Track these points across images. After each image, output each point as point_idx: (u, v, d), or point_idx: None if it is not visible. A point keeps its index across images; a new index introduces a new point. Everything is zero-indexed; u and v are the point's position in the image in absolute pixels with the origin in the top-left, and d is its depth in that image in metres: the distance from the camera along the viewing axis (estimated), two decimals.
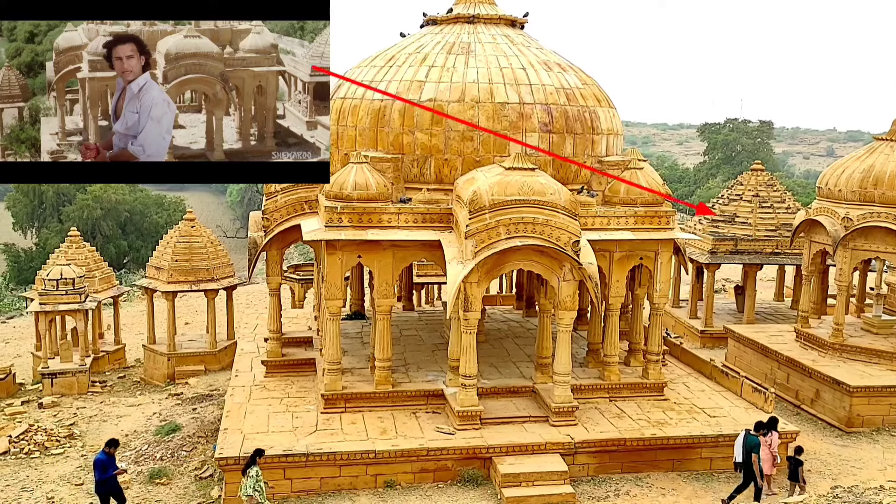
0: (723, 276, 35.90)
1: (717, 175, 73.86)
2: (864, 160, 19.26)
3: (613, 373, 16.32)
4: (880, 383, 17.60)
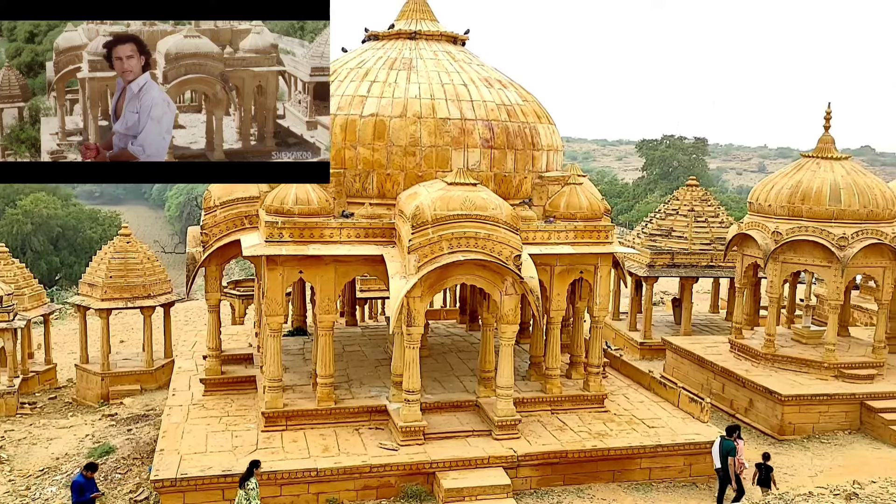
0: (661, 288, 36.71)
1: (655, 190, 75.76)
2: (793, 176, 20.03)
3: (555, 386, 16.49)
4: (810, 392, 18.23)
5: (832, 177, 19.36)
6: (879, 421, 17.82)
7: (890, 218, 19.39)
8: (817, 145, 20.41)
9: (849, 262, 18.64)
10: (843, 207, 18.96)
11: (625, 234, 36.59)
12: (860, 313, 28.50)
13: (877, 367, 19.41)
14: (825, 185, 19.23)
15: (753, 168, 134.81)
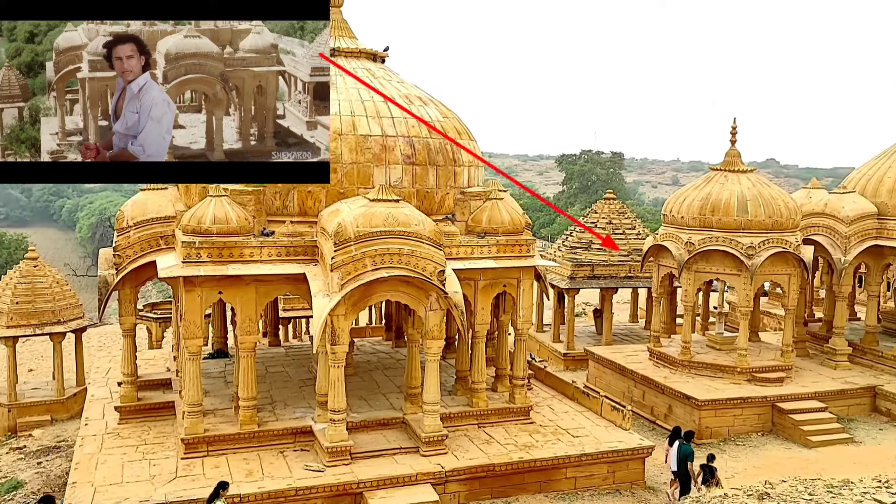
0: (583, 300, 37.53)
1: (576, 203, 77.60)
2: (703, 189, 20.86)
3: (481, 399, 16.59)
4: (724, 396, 18.92)
5: (739, 189, 20.25)
6: (790, 422, 18.64)
7: (793, 227, 20.41)
8: (725, 159, 21.33)
9: (757, 270, 19.49)
10: (751, 218, 19.85)
11: (547, 247, 37.25)
12: (769, 319, 29.84)
13: (786, 370, 20.32)
14: (733, 197, 20.09)
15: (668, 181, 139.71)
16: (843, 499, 7.77)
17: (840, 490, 8.18)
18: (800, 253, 20.04)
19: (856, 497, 7.82)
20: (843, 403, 19.85)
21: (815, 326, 24.26)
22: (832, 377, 20.76)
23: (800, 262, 20.09)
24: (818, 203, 22.45)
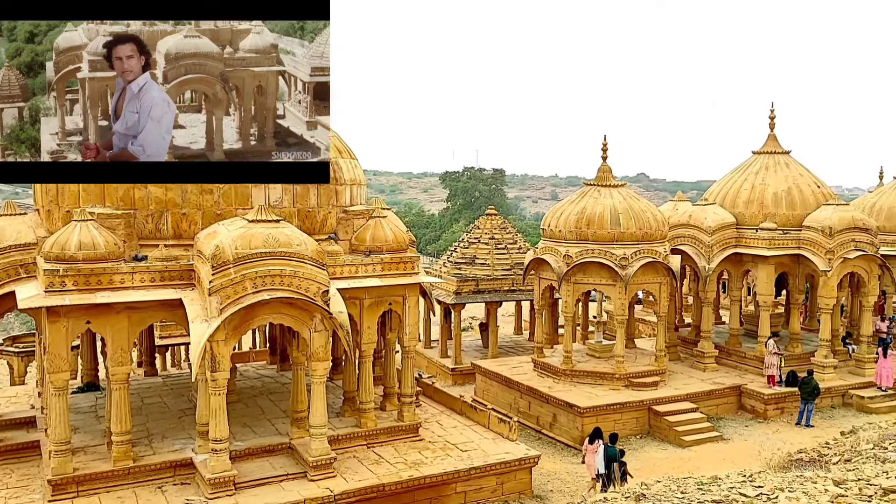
0: (469, 314, 38.01)
1: (460, 220, 78.69)
2: (578, 203, 21.70)
3: (370, 419, 16.45)
4: (605, 402, 19.66)
5: (612, 203, 21.21)
6: (665, 423, 19.59)
7: (662, 238, 21.56)
8: (597, 174, 22.30)
9: (630, 280, 20.44)
10: (623, 230, 20.81)
11: (433, 263, 37.57)
12: (644, 325, 31.32)
13: (660, 374, 21.37)
14: (606, 211, 21.02)
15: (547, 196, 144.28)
16: (711, 494, 8.23)
17: (709, 486, 8.66)
18: (668, 262, 21.19)
19: (723, 492, 8.30)
20: (713, 403, 21.07)
21: (685, 331, 25.68)
22: (702, 379, 22.01)
23: (669, 270, 21.22)
24: (683, 215, 23.86)
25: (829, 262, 21.60)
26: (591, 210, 21.20)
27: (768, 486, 8.40)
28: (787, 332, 23.79)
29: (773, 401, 20.91)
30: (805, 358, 22.53)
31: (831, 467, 10.30)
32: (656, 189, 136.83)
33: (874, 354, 22.47)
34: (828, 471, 9.91)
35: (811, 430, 19.49)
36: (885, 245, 24.63)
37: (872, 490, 7.82)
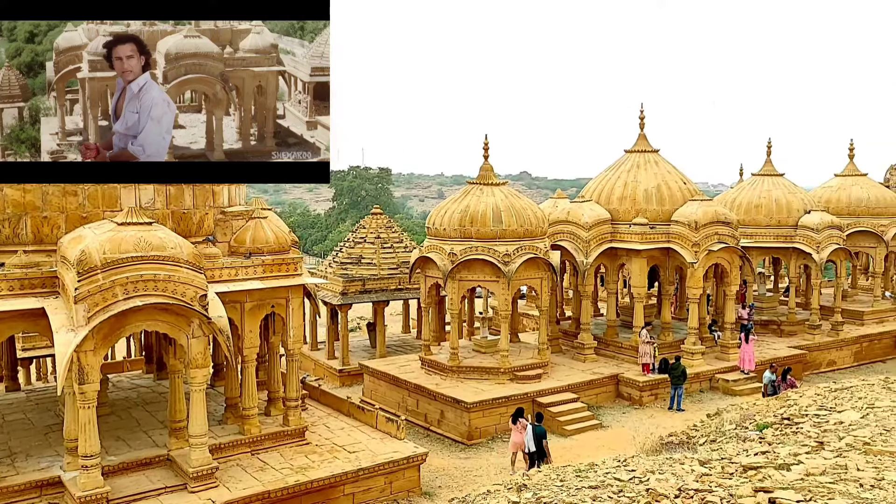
0: (356, 315, 37.78)
1: (347, 219, 78.05)
2: (461, 201, 21.99)
3: (254, 425, 16.03)
4: (491, 397, 20.03)
5: (493, 201, 21.63)
6: (548, 414, 20.10)
7: (542, 234, 22.19)
8: (480, 173, 22.68)
9: (513, 276, 20.92)
10: (505, 227, 21.27)
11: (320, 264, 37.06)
12: (528, 320, 32.16)
13: (543, 366, 21.99)
14: (488, 209, 21.41)
15: (434, 195, 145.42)
16: (588, 481, 8.55)
17: (587, 473, 8.99)
18: (549, 258, 21.83)
19: (599, 478, 8.65)
20: (592, 392, 21.91)
21: (566, 324, 26.56)
22: (582, 369, 22.84)
23: (549, 266, 21.87)
24: (562, 211, 24.66)
25: (695, 254, 22.91)
26: (475, 208, 21.53)
27: (641, 469, 8.82)
28: (659, 322, 25.05)
29: (648, 388, 21.98)
30: (676, 345, 23.80)
31: (698, 448, 10.95)
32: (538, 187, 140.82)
33: (737, 340, 24.04)
34: (695, 451, 10.53)
35: (682, 414, 20.62)
36: (745, 237, 26.40)
37: (734, 468, 8.36)
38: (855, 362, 26.97)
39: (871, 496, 7.04)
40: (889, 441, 8.89)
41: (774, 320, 27.73)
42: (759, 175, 28.79)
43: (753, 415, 12.18)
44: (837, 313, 27.36)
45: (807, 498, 7.01)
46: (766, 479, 7.69)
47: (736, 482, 7.71)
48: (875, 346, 27.74)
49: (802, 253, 26.66)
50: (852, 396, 11.47)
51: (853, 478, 7.55)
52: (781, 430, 10.39)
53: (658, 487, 7.74)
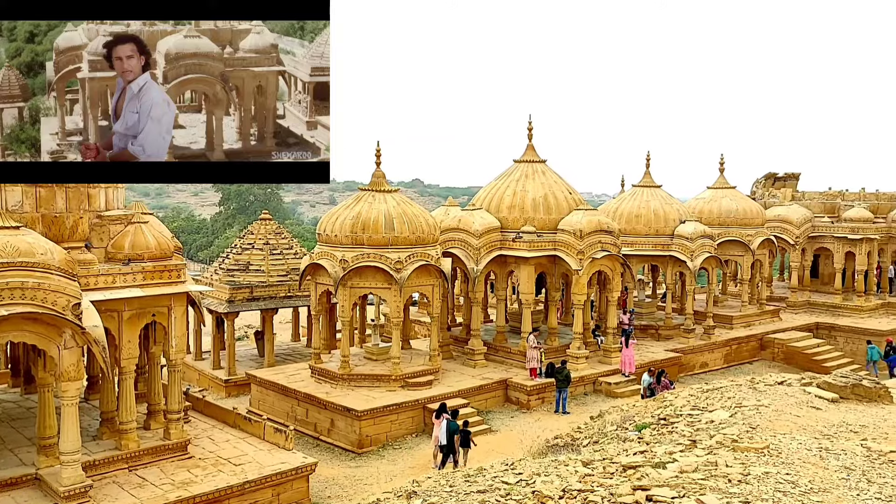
0: (244, 323, 36.74)
1: (234, 225, 75.78)
2: (353, 208, 21.86)
3: (132, 440, 15.28)
4: (382, 404, 19.97)
5: (386, 207, 21.63)
6: None
7: (434, 241, 22.39)
8: (371, 179, 22.63)
9: (405, 283, 20.97)
10: (397, 234, 21.31)
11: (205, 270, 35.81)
12: (420, 326, 32.20)
13: (434, 373, 22.15)
14: (380, 216, 21.39)
15: (325, 201, 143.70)
16: (477, 485, 8.68)
17: (475, 478, 9.13)
18: (440, 265, 22.04)
19: (488, 482, 8.79)
20: (483, 397, 22.25)
21: (457, 330, 26.87)
22: (472, 375, 23.16)
23: (441, 273, 22.08)
24: (454, 219, 24.97)
25: (580, 261, 23.73)
26: (366, 215, 21.46)
27: (527, 472, 9.03)
28: (546, 327, 25.77)
29: (535, 392, 22.54)
30: (562, 350, 24.55)
31: (582, 449, 11.33)
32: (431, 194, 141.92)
33: (619, 344, 25.07)
34: (579, 453, 10.88)
35: (568, 417, 21.28)
36: (626, 246, 27.58)
37: (614, 468, 8.71)
38: (725, 364, 28.68)
39: (739, 490, 7.51)
40: (754, 438, 9.51)
41: (653, 325, 29.11)
42: (639, 186, 30.18)
43: (633, 416, 12.73)
44: (709, 318, 29.04)
45: (680, 494, 7.39)
46: (644, 477, 8.06)
47: (616, 481, 8.03)
48: (743, 348, 29.62)
49: (678, 261, 28.13)
50: (722, 396, 12.19)
51: (722, 474, 8.02)
52: (658, 430, 10.91)
53: (543, 489, 7.95)
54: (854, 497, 7.46)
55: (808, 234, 34.11)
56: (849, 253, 33.26)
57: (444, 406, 18.43)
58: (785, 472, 8.03)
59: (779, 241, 33.34)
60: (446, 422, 17.39)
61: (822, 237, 34.03)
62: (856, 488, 7.69)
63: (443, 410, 18.06)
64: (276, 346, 27.06)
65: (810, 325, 31.69)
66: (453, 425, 17.33)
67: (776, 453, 8.71)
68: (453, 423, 17.42)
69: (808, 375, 13.50)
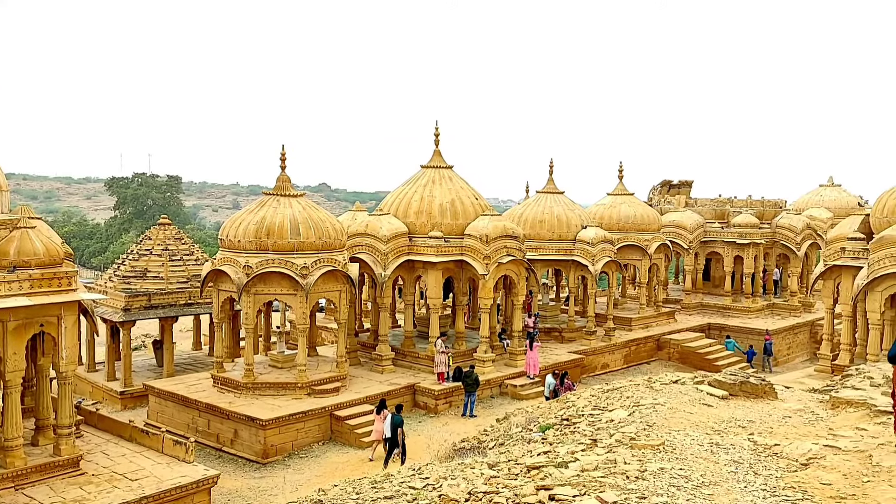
0: (141, 332, 35.31)
1: (131, 230, 72.78)
2: (257, 213, 21.41)
3: (17, 457, 14.42)
4: (287, 412, 19.62)
5: (291, 212, 21.30)
6: (346, 427, 20.15)
7: (341, 247, 22.19)
8: (276, 184, 22.24)
9: (311, 289, 20.70)
10: (303, 240, 21.01)
11: (99, 277, 34.19)
12: (327, 333, 31.84)
13: (341, 380, 21.94)
14: (286, 220, 21.04)
15: (228, 205, 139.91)
16: (384, 491, 8.65)
17: (382, 484, 9.09)
18: (348, 270, 21.88)
19: (395, 487, 8.78)
20: (391, 403, 22.11)
21: (365, 336, 26.73)
22: (380, 381, 23.07)
23: (348, 278, 21.91)
24: (361, 224, 24.85)
25: (486, 266, 24.07)
26: (271, 220, 21.06)
27: (434, 476, 9.07)
28: (453, 332, 25.97)
29: (443, 396, 22.68)
30: (469, 354, 24.80)
31: (488, 452, 11.47)
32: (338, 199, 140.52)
33: (524, 347, 25.56)
34: (485, 455, 11.01)
35: (475, 420, 21.51)
36: (531, 251, 28.18)
37: (519, 468, 8.87)
38: (625, 364, 29.72)
39: (636, 486, 7.80)
40: (651, 435, 9.89)
41: (557, 328, 29.84)
42: (542, 192, 30.90)
43: (537, 417, 13.00)
44: (610, 320, 30.02)
45: (581, 492, 7.60)
46: (547, 477, 8.25)
47: (521, 482, 8.19)
48: (641, 349, 30.78)
49: (580, 265, 28.96)
50: (621, 396, 12.62)
51: (621, 471, 8.31)
52: (561, 431, 11.19)
53: (450, 493, 8.01)
54: (741, 489, 7.87)
55: (700, 238, 35.81)
56: (737, 257, 35.13)
57: (385, 402, 19.04)
58: (679, 468, 8.39)
59: (674, 246, 34.85)
60: (390, 416, 17.85)
61: (713, 242, 35.82)
62: (743, 480, 8.12)
63: (382, 406, 18.61)
64: (176, 355, 26.16)
65: (703, 325, 33.25)
66: (397, 419, 17.74)
67: (671, 449, 9.09)
68: (397, 416, 17.83)
69: (700, 374, 14.15)
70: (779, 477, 8.22)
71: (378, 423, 18.35)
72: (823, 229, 36.02)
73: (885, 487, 7.68)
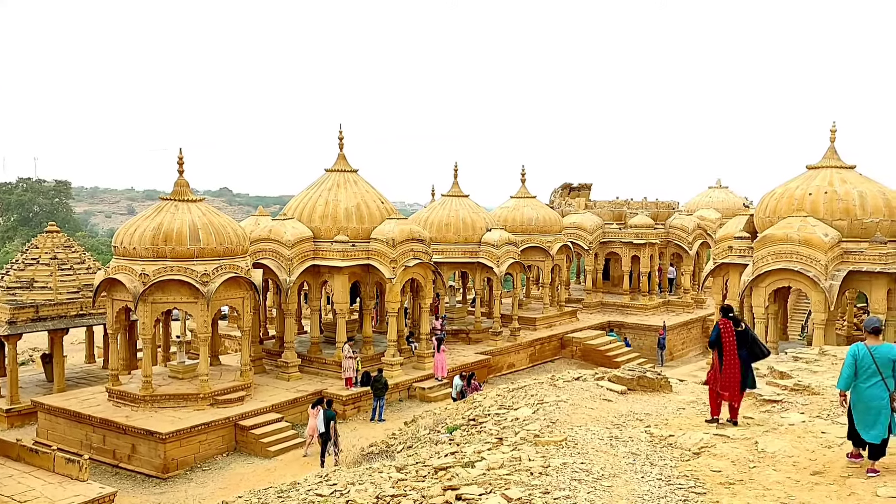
0: (29, 346, 33.36)
1: (15, 238, 68.64)
2: (154, 219, 20.64)
3: None
4: (189, 424, 19.00)
5: (190, 218, 20.65)
6: (251, 437, 19.69)
7: (243, 253, 21.69)
8: (174, 188, 21.52)
9: (212, 297, 20.13)
10: (203, 246, 20.41)
11: None
12: (230, 341, 31.09)
13: (246, 388, 21.43)
14: (185, 226, 20.39)
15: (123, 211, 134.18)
16: (291, 500, 8.52)
17: (289, 492, 8.95)
18: (251, 277, 21.41)
19: (302, 496, 8.66)
20: (297, 410, 21.83)
21: (270, 343, 26.20)
22: (286, 388, 22.69)
23: (252, 285, 21.45)
24: (264, 229, 24.36)
25: (393, 270, 24.08)
26: (169, 225, 20.36)
27: (342, 482, 9.01)
28: (361, 336, 25.83)
29: (351, 401, 22.52)
30: (377, 358, 24.73)
31: (396, 455, 11.49)
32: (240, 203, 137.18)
33: (432, 350, 25.70)
34: (393, 459, 11.03)
35: (384, 424, 21.46)
36: (437, 254, 28.40)
37: (427, 470, 8.92)
38: (530, 363, 30.38)
39: (540, 482, 8.00)
40: (554, 432, 10.17)
41: (464, 329, 30.17)
42: (448, 196, 31.20)
43: (445, 419, 13.11)
44: (515, 320, 30.61)
45: (487, 491, 7.73)
46: (454, 477, 8.34)
47: (428, 483, 8.24)
48: (545, 347, 31.53)
49: (486, 267, 29.39)
50: (526, 395, 12.90)
51: (525, 468, 8.50)
52: (468, 431, 11.33)
53: (357, 498, 7.98)
54: (639, 479, 8.20)
55: (599, 239, 37.02)
56: (634, 256, 36.53)
57: (322, 399, 20.29)
58: (580, 462, 8.66)
59: (575, 247, 35.89)
60: (323, 411, 18.43)
61: (612, 242, 37.11)
62: (641, 471, 8.47)
63: (319, 402, 19.43)
64: (67, 369, 24.88)
65: (603, 323, 34.40)
66: (330, 413, 18.39)
67: (573, 444, 9.37)
68: (330, 411, 18.48)
69: (601, 370, 14.63)
70: (673, 466, 8.62)
71: (311, 419, 18.93)
72: (713, 229, 37.96)
73: (770, 472, 8.18)
